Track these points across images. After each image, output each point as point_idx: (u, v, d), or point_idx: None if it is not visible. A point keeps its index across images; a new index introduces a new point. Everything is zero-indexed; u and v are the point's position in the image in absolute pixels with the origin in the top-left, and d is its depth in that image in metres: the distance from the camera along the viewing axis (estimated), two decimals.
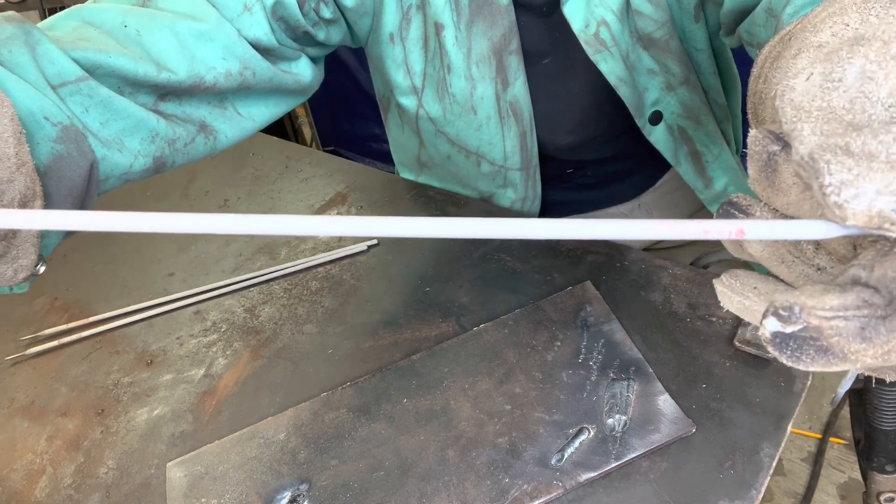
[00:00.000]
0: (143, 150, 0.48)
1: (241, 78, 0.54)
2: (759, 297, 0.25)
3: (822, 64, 0.23)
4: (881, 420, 0.57)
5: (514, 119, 0.72)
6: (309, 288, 0.75)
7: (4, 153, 0.34)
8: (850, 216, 0.20)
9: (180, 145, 0.51)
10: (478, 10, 0.65)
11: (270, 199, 0.91)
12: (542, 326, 0.63)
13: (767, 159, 0.24)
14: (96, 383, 0.70)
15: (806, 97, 0.23)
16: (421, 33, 0.68)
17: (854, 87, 0.22)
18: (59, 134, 0.40)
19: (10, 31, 0.41)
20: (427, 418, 0.58)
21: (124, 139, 0.47)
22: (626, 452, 0.52)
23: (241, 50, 0.54)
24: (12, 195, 0.35)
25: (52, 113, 0.40)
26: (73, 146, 0.41)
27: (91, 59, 0.45)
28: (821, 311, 0.21)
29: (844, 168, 0.20)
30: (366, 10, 0.65)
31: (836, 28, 0.24)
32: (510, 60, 0.68)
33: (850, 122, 0.21)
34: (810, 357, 0.21)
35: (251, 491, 0.56)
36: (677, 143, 0.75)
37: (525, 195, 0.80)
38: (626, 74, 0.68)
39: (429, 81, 0.71)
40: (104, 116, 0.45)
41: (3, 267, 0.37)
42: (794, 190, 0.24)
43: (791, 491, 1.34)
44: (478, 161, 0.77)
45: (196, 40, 0.51)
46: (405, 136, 0.84)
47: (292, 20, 0.58)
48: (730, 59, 0.79)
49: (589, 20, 0.64)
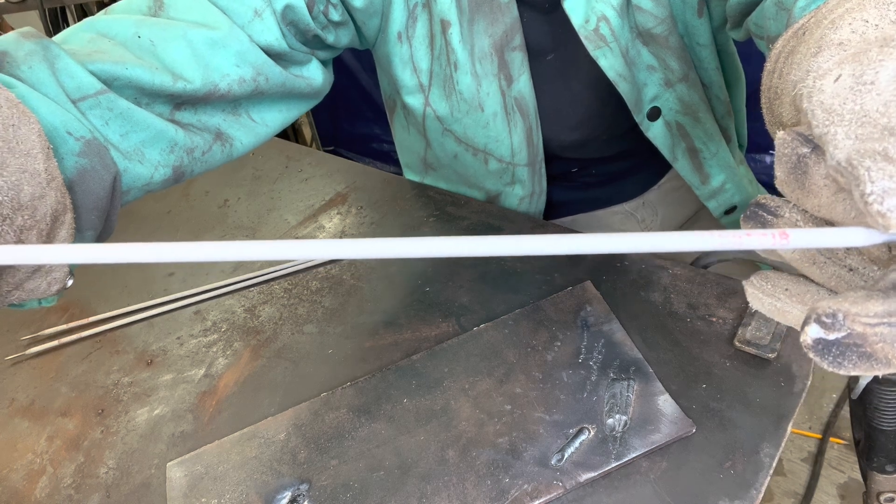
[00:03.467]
0: (163, 161, 0.48)
1: (254, 84, 0.54)
2: (791, 299, 0.25)
3: (851, 65, 0.23)
4: (881, 420, 0.57)
5: (519, 115, 0.72)
6: (309, 288, 0.75)
7: (35, 169, 0.34)
8: (894, 225, 0.19)
9: (198, 154, 0.52)
10: (477, 8, 0.66)
11: (270, 200, 0.91)
12: (542, 326, 0.63)
13: (797, 161, 0.24)
14: (96, 383, 0.70)
15: (837, 99, 0.22)
16: (427, 31, 0.69)
17: (888, 91, 0.22)
18: (82, 148, 0.41)
19: (28, 48, 0.42)
20: (427, 418, 0.58)
21: (144, 150, 0.47)
22: (626, 452, 0.52)
23: (253, 56, 0.54)
24: (45, 210, 0.35)
25: (75, 127, 0.41)
26: (97, 160, 0.41)
27: (108, 72, 0.45)
28: (865, 318, 0.21)
29: (886, 175, 0.20)
30: (375, 11, 0.65)
31: (855, 25, 0.24)
32: (513, 57, 0.69)
33: (885, 127, 0.21)
34: (852, 363, 0.21)
35: (251, 491, 0.56)
36: (675, 139, 0.75)
37: (532, 190, 0.80)
38: (626, 70, 0.68)
39: (435, 79, 0.72)
40: (124, 129, 0.46)
41: (37, 281, 0.37)
42: (826, 192, 0.23)
43: (791, 491, 1.34)
44: (485, 159, 0.78)
45: (209, 48, 0.52)
46: (411, 137, 0.84)
47: (302, 24, 0.58)
48: (733, 53, 0.79)
49: (589, 15, 0.64)
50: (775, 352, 0.55)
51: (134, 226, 0.91)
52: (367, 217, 0.84)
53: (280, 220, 0.87)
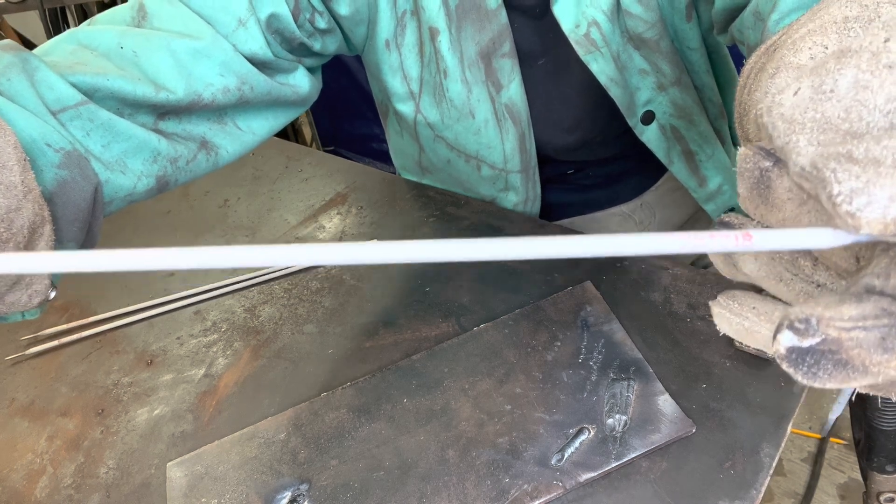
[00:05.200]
0: (146, 171, 0.48)
1: (239, 93, 0.54)
2: (759, 318, 0.24)
3: (810, 78, 0.23)
4: (881, 420, 0.57)
5: (511, 122, 0.72)
6: (309, 288, 0.75)
7: (11, 181, 0.34)
8: (864, 225, 0.19)
9: (182, 163, 0.51)
10: (464, 15, 0.65)
11: (270, 200, 0.91)
12: (542, 326, 0.63)
13: (760, 176, 0.23)
14: (96, 383, 0.70)
15: (797, 110, 0.22)
16: (416, 39, 0.68)
17: (848, 97, 0.21)
18: (61, 160, 0.40)
19: (7, 60, 0.42)
20: (427, 418, 0.58)
21: (127, 161, 0.47)
22: (626, 452, 0.52)
23: (237, 65, 0.54)
24: (21, 223, 0.35)
25: (54, 139, 0.41)
26: (77, 171, 0.41)
27: (89, 83, 0.45)
28: (839, 322, 0.20)
29: (852, 175, 0.19)
30: (361, 18, 0.65)
31: (815, 50, 0.24)
32: (502, 64, 0.68)
33: (847, 131, 0.21)
34: (828, 372, 0.20)
35: (251, 491, 0.56)
36: (670, 142, 0.75)
37: (526, 197, 0.80)
38: (617, 75, 0.68)
39: (425, 87, 0.72)
40: (105, 139, 0.46)
41: (17, 293, 0.37)
42: (790, 205, 0.23)
43: (791, 491, 1.34)
44: (478, 165, 0.77)
45: (192, 58, 0.51)
46: (405, 141, 0.84)
47: (287, 32, 0.58)
48: (725, 55, 0.79)
49: (579, 20, 0.64)
50: None
51: (132, 225, 0.91)
52: (367, 217, 0.84)
53: (280, 220, 0.87)
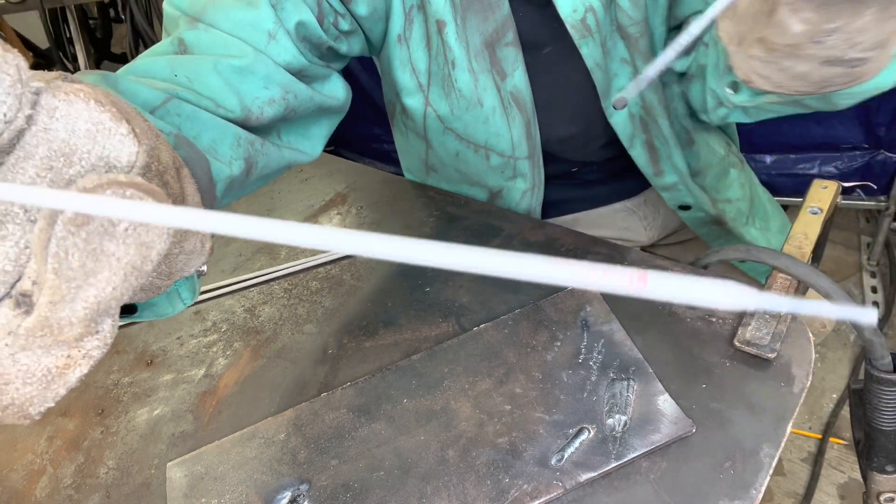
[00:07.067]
0: (234, 155, 0.50)
1: (284, 102, 0.57)
2: None
3: None
4: (881, 420, 0.57)
5: (517, 109, 0.74)
6: (309, 288, 0.75)
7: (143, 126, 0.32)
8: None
9: (259, 145, 0.53)
10: (469, 6, 0.68)
11: (270, 200, 0.91)
12: (542, 326, 0.63)
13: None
14: (96, 383, 0.70)
15: None
16: (423, 32, 0.70)
17: None
18: (175, 141, 0.41)
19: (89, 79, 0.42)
20: (427, 418, 0.58)
21: (217, 148, 0.49)
22: (626, 452, 0.52)
23: (279, 76, 0.56)
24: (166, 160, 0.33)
25: (161, 126, 0.41)
26: (191, 150, 0.42)
27: (165, 90, 0.47)
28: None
29: None
30: (379, 17, 0.68)
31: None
32: (506, 52, 0.70)
33: None
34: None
35: (251, 491, 0.56)
36: (636, 129, 0.76)
37: (533, 183, 0.81)
38: (602, 60, 0.70)
39: (434, 79, 0.73)
40: (195, 130, 0.47)
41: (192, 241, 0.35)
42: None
43: (791, 491, 1.34)
44: (487, 154, 0.79)
45: (239, 76, 0.53)
46: (410, 141, 0.86)
47: (315, 38, 0.61)
48: None
49: (577, 6, 0.66)
50: (775, 352, 0.55)
51: None
52: (367, 217, 0.84)
53: (280, 220, 0.87)
